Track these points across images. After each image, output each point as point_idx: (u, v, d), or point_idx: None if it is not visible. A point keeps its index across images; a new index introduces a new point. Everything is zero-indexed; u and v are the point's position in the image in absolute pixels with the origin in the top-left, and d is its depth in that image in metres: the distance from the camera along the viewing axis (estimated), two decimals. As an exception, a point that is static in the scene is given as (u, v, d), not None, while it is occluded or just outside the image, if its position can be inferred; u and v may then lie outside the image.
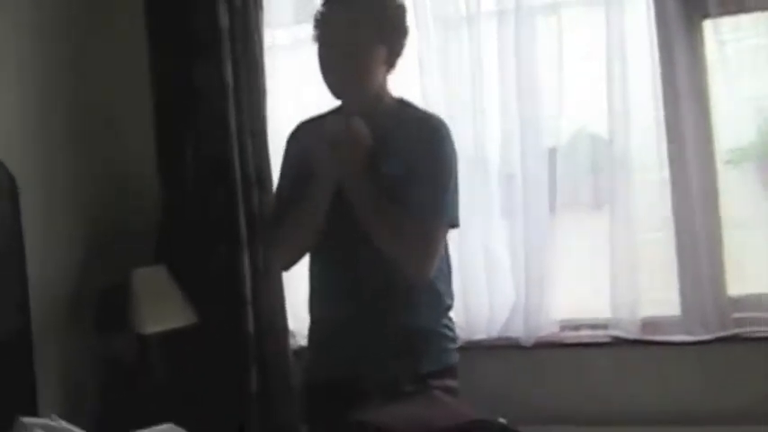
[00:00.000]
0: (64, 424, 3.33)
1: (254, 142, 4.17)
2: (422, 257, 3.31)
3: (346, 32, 3.29)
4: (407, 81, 3.73)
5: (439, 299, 3.43)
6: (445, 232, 3.36)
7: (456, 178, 3.37)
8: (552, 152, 4.01)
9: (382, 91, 3.42)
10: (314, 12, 3.42)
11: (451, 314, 3.51)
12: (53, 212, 4.08)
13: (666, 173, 3.87)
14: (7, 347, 3.69)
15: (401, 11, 3.40)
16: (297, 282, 4.01)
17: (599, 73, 3.91)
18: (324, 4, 3.39)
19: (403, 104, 3.47)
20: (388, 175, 3.29)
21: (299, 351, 4.05)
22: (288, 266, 3.63)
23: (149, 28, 4.23)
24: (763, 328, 3.74)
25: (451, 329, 3.49)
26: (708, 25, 3.83)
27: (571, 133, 4.06)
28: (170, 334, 4.04)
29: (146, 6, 4.22)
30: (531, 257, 3.97)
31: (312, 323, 3.56)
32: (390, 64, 3.38)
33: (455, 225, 3.40)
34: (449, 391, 3.35)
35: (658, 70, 3.85)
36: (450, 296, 3.50)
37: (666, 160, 3.87)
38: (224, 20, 4.12)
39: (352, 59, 3.30)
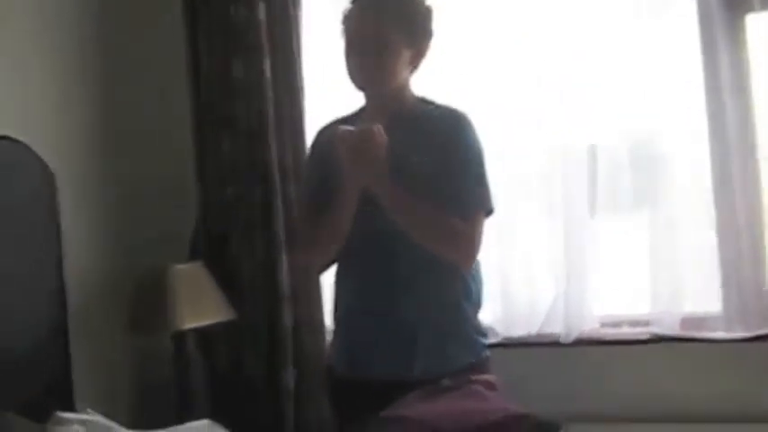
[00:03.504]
0: (100, 418, 3.34)
1: (293, 138, 4.16)
2: (464, 248, 3.32)
3: (374, 30, 3.31)
4: (440, 79, 3.77)
5: (469, 293, 3.41)
6: (483, 220, 3.35)
7: (484, 168, 3.36)
8: (592, 151, 3.99)
9: (405, 89, 3.44)
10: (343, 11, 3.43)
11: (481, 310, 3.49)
12: (91, 210, 4.08)
13: (708, 170, 3.84)
14: (44, 342, 3.69)
15: (428, 13, 3.41)
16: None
17: (641, 69, 3.90)
18: (353, 2, 3.41)
19: (425, 102, 3.47)
20: (418, 171, 3.29)
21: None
22: (321, 270, 3.65)
23: (187, 22, 4.23)
24: (805, 326, 3.71)
25: (482, 326, 3.48)
26: (751, 20, 3.80)
27: (611, 131, 4.02)
28: (207, 330, 4.04)
29: (184, 2, 4.23)
30: (571, 254, 3.95)
31: (338, 319, 3.55)
32: (414, 64, 3.40)
33: (491, 212, 3.38)
34: (488, 385, 3.31)
35: (701, 66, 3.82)
36: (480, 292, 3.48)
37: (709, 158, 3.83)
38: (262, 15, 4.12)
39: (378, 57, 3.32)
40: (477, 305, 3.44)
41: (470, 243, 3.31)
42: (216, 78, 4.19)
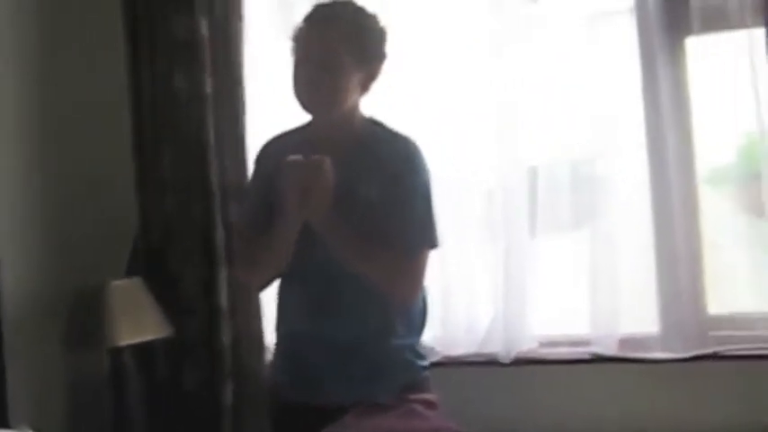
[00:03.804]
0: (36, 435, 3.31)
1: (233, 154, 4.13)
2: (407, 285, 3.32)
3: (325, 51, 3.25)
4: (386, 97, 3.71)
5: (410, 317, 3.41)
6: (427, 256, 3.34)
7: (431, 199, 3.33)
8: (532, 171, 3.99)
9: (354, 112, 3.39)
10: (293, 29, 3.39)
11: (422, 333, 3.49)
12: (28, 223, 4.03)
13: (648, 192, 3.86)
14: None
15: (383, 34, 3.37)
16: (274, 295, 4.00)
17: (582, 90, 3.92)
18: (305, 21, 3.35)
19: (374, 125, 3.43)
20: (363, 199, 3.27)
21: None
22: (260, 289, 3.64)
23: (127, 35, 4.19)
24: (741, 347, 3.73)
25: (422, 349, 3.47)
26: (691, 43, 3.84)
27: (551, 152, 4.04)
28: (144, 346, 4.00)
29: (123, 13, 4.19)
30: (511, 274, 3.95)
31: (279, 339, 3.54)
32: (365, 87, 3.35)
33: (435, 246, 3.36)
34: (428, 404, 3.32)
35: (640, 88, 3.85)
36: (425, 315, 3.48)
37: (648, 180, 3.86)
38: (204, 29, 4.09)
39: (327, 79, 3.26)
40: (418, 328, 3.44)
41: (412, 281, 3.32)
42: (157, 92, 4.15)
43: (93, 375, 4.13)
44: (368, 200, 3.26)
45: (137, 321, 3.93)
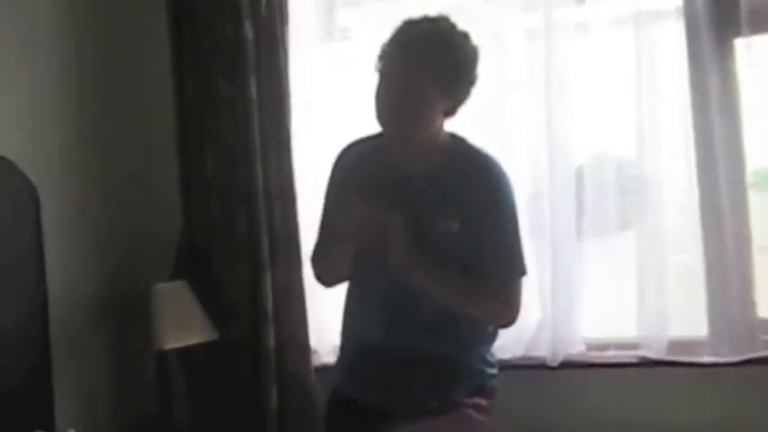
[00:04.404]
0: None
1: (279, 158, 4.13)
2: (507, 314, 3.29)
3: (409, 80, 3.12)
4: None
5: (480, 326, 3.36)
6: (521, 283, 3.29)
7: (518, 224, 3.29)
8: (579, 173, 3.98)
9: (437, 134, 3.29)
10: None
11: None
12: (74, 224, 4.03)
13: (696, 194, 3.83)
14: (26, 359, 3.65)
15: (474, 57, 3.21)
16: (320, 300, 3.99)
17: (629, 92, 3.88)
18: (391, 41, 3.21)
19: (456, 141, 3.33)
20: (446, 233, 3.20)
21: (322, 369, 4.02)
22: (331, 286, 3.55)
23: (173, 38, 4.21)
24: (792, 351, 3.71)
25: (492, 356, 3.43)
26: (740, 44, 3.80)
27: (599, 154, 4.02)
28: (190, 350, 4.00)
29: (170, 17, 4.20)
30: (558, 277, 3.93)
31: (343, 341, 3.51)
32: (450, 113, 3.26)
33: (525, 273, 3.32)
34: (479, 409, 3.29)
35: (688, 90, 3.81)
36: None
37: (696, 181, 3.83)
38: (249, 33, 4.09)
39: (410, 109, 3.16)
40: (491, 337, 3.40)
41: (512, 309, 3.27)
42: (201, 95, 4.16)
43: (139, 379, 4.13)
44: (452, 227, 3.20)
45: (182, 325, 3.96)
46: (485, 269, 3.21)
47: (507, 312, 3.27)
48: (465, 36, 3.21)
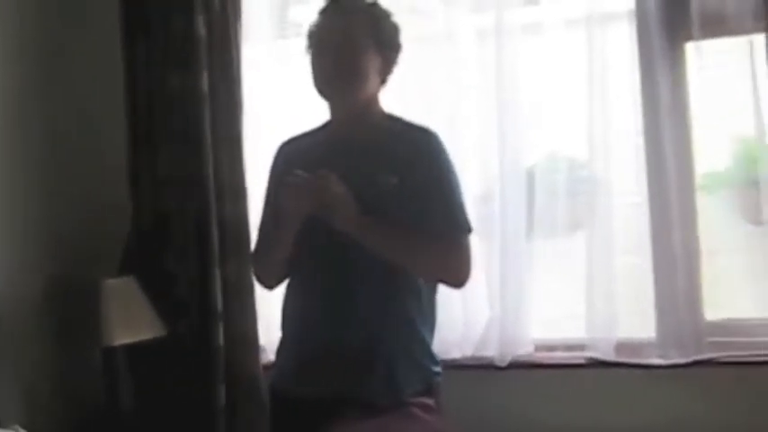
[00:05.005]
0: (28, 435, 3.29)
1: (230, 154, 4.11)
2: (457, 267, 3.31)
3: (342, 37, 3.30)
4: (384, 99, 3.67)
5: (425, 312, 3.37)
6: (469, 238, 3.33)
7: (459, 183, 3.36)
8: (530, 174, 3.98)
9: (373, 106, 3.40)
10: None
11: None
12: (18, 220, 3.98)
13: (645, 196, 3.85)
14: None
15: (396, 26, 3.40)
16: (269, 296, 3.97)
17: (580, 93, 3.89)
18: (320, 14, 3.39)
19: (392, 119, 3.44)
20: (385, 190, 3.25)
21: (270, 366, 4.00)
22: (272, 287, 3.60)
23: (125, 34, 4.17)
24: (738, 353, 3.72)
25: (435, 354, 3.42)
26: (690, 48, 3.82)
27: (550, 155, 4.03)
28: (137, 347, 3.96)
29: (121, 12, 4.16)
30: (508, 277, 3.93)
31: (283, 337, 3.50)
32: (383, 77, 3.38)
33: (471, 230, 3.34)
34: (426, 408, 3.28)
35: (639, 92, 3.84)
36: (435, 313, 3.44)
37: (646, 183, 3.85)
38: (202, 28, 4.07)
39: (347, 60, 3.29)
40: (431, 326, 3.40)
41: (466, 263, 3.29)
42: (153, 89, 4.13)
43: (85, 375, 4.10)
44: (391, 191, 3.24)
45: (130, 321, 3.91)
46: (430, 225, 3.25)
47: (458, 267, 3.30)
48: (387, 9, 3.42)
